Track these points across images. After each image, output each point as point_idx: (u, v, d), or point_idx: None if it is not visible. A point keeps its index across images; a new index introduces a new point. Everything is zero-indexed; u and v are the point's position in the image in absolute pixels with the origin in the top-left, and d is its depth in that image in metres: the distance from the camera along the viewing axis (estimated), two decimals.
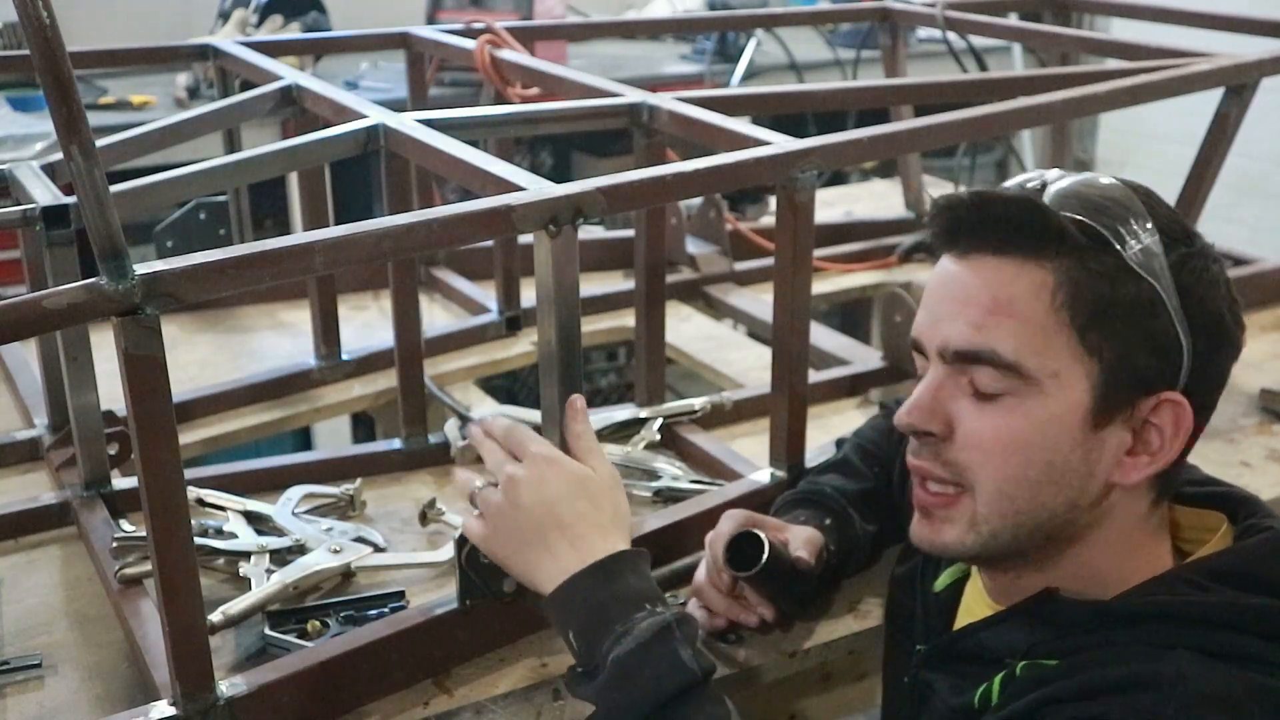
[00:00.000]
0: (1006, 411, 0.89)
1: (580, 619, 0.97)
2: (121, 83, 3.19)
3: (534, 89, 1.78)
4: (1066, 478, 0.90)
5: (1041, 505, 0.90)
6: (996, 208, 0.89)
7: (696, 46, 3.80)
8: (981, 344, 0.89)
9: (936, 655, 1.00)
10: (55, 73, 0.81)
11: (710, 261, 2.12)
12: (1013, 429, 0.89)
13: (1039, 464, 0.89)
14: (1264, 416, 1.68)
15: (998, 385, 0.89)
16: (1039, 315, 0.88)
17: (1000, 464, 0.90)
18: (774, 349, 1.36)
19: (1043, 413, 0.89)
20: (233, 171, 1.37)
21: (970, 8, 2.32)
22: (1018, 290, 0.88)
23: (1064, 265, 0.88)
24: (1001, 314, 0.88)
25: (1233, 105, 1.74)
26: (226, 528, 1.31)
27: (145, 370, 0.91)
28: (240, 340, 1.91)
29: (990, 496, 0.91)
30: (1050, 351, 0.88)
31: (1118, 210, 0.89)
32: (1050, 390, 0.88)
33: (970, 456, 0.91)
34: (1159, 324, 0.88)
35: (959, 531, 0.93)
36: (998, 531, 0.92)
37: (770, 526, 1.18)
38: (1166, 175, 1.53)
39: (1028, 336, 0.88)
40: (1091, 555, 0.93)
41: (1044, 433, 0.89)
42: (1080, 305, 0.88)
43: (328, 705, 1.09)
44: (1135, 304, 0.88)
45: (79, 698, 1.12)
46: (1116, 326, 0.88)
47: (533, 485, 1.02)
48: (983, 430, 0.90)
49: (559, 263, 1.10)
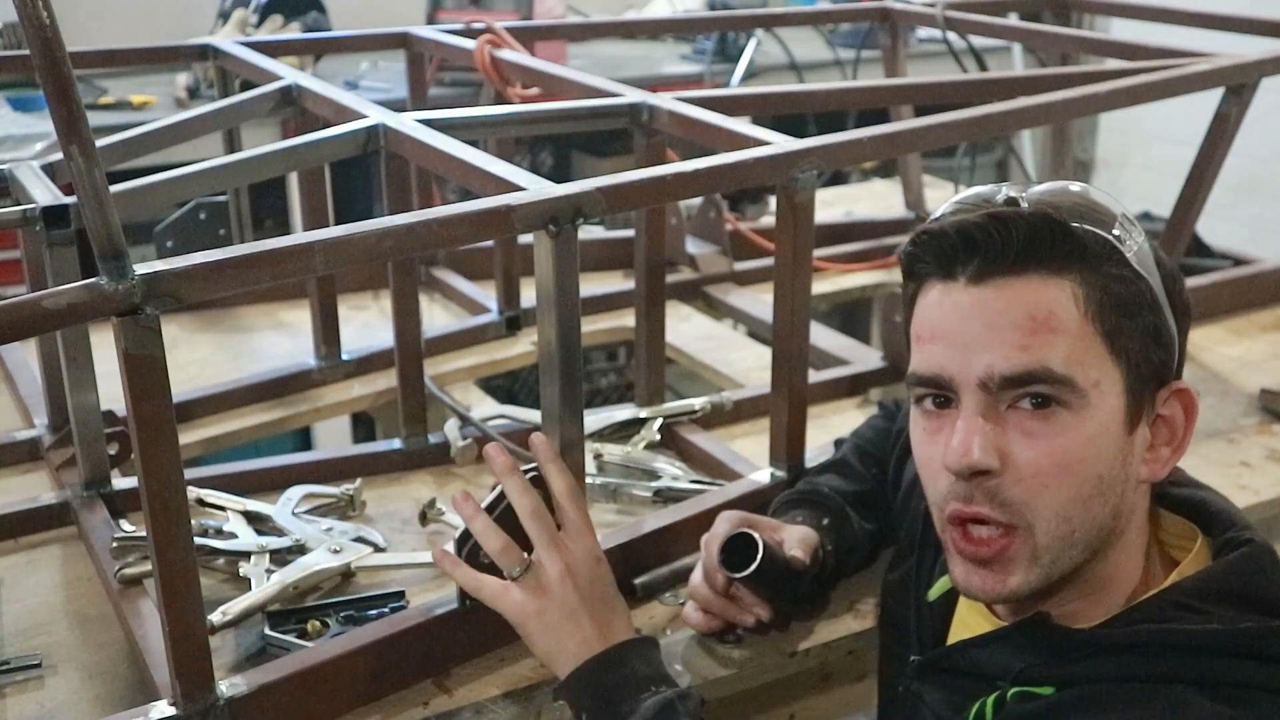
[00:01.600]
0: (1057, 432, 0.87)
1: (592, 702, 1.02)
2: (121, 83, 3.19)
3: (534, 89, 1.78)
4: (1113, 486, 0.90)
5: (1093, 520, 0.90)
6: (1021, 226, 0.87)
7: (696, 46, 3.80)
8: (1032, 363, 0.87)
9: (929, 668, 1.00)
10: (55, 73, 0.81)
11: (710, 261, 2.12)
12: (1067, 449, 0.88)
13: (1091, 479, 0.88)
14: (1264, 416, 1.68)
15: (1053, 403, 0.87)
16: (1076, 327, 0.87)
17: (1058, 488, 0.88)
18: (774, 349, 1.37)
19: (1092, 426, 0.88)
20: (233, 171, 1.37)
21: (970, 8, 2.32)
22: (1053, 305, 0.87)
23: (1085, 275, 0.88)
24: (1044, 331, 0.87)
25: (1233, 105, 1.74)
26: (226, 528, 1.31)
27: (145, 370, 0.91)
28: (240, 340, 1.91)
29: (1050, 525, 0.89)
30: (1090, 361, 0.88)
31: (1105, 215, 0.90)
32: (1094, 401, 0.88)
33: (1027, 488, 0.88)
34: (1160, 316, 0.91)
35: (1023, 573, 0.90)
36: (1058, 559, 0.90)
37: (766, 527, 1.18)
38: (1166, 175, 1.53)
39: (1072, 349, 0.87)
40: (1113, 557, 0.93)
41: (1095, 446, 0.88)
42: (1105, 311, 0.88)
43: (328, 705, 1.09)
44: (1142, 302, 0.89)
45: (79, 698, 1.12)
46: (1134, 327, 0.89)
47: (587, 574, 1.06)
48: (1038, 458, 0.88)
49: (559, 263, 1.10)
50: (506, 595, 1.06)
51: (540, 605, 1.05)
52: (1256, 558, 0.91)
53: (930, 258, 0.91)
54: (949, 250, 0.89)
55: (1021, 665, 0.90)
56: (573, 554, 1.06)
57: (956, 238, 0.89)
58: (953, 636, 1.03)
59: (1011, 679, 0.90)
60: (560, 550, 1.06)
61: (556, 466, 1.10)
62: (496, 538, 1.06)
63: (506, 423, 1.56)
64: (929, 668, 1.00)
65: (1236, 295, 2.03)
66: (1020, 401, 0.88)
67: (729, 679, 1.17)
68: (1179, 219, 1.86)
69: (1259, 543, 0.92)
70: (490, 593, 1.07)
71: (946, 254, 0.90)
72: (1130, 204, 1.94)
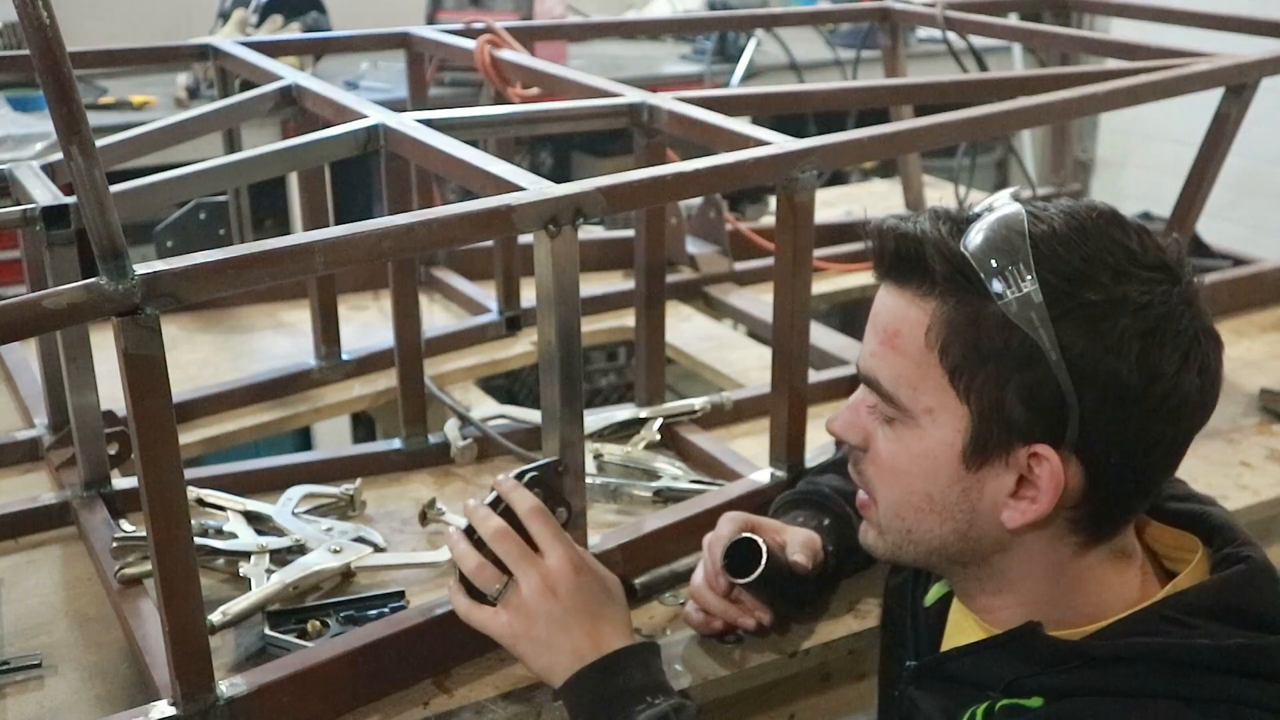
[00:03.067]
0: (895, 438, 0.94)
1: (588, 711, 1.02)
2: (121, 83, 3.19)
3: (534, 89, 1.78)
4: (948, 510, 0.92)
5: (929, 531, 0.94)
6: (889, 241, 0.91)
7: (696, 46, 3.80)
8: (869, 371, 0.94)
9: (924, 673, 1.01)
10: (55, 73, 0.81)
11: (710, 261, 2.12)
12: (895, 455, 0.94)
13: (919, 493, 0.93)
14: (1264, 416, 1.68)
15: (885, 412, 0.94)
16: (917, 353, 0.90)
17: (890, 485, 0.95)
18: (774, 349, 1.37)
19: (918, 446, 0.92)
20: (233, 171, 1.37)
21: (970, 8, 2.32)
22: (903, 325, 0.91)
23: (944, 306, 0.88)
24: (889, 345, 0.92)
25: (1233, 105, 1.74)
26: (226, 528, 1.30)
27: (145, 370, 0.91)
28: (240, 340, 1.91)
29: (885, 512, 0.97)
30: (925, 388, 0.90)
31: (1003, 256, 0.85)
32: (925, 425, 0.91)
33: (873, 472, 0.97)
34: (1035, 375, 0.85)
35: (873, 536, 1.00)
36: (900, 544, 0.97)
37: (768, 529, 1.19)
38: (1166, 175, 1.53)
39: (905, 371, 0.91)
40: (1032, 586, 0.94)
41: (920, 465, 0.92)
42: (951, 348, 0.88)
43: (328, 705, 1.09)
44: (1006, 353, 0.85)
45: (79, 698, 1.12)
46: (986, 373, 0.87)
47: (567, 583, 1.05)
48: (880, 451, 0.95)
49: (559, 263, 1.10)
50: (495, 619, 1.06)
51: (525, 622, 1.04)
52: (1252, 575, 0.90)
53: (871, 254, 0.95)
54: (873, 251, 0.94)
55: (1011, 676, 0.90)
56: (547, 566, 1.05)
57: (873, 240, 0.93)
58: (947, 642, 1.03)
59: (1001, 689, 0.91)
60: (533, 564, 1.05)
61: (517, 493, 1.09)
62: (472, 559, 1.06)
63: (506, 423, 1.56)
64: (923, 674, 1.01)
65: (1236, 295, 2.02)
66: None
67: (729, 679, 1.17)
68: (1179, 219, 1.86)
69: (1256, 559, 0.91)
70: (479, 618, 1.06)
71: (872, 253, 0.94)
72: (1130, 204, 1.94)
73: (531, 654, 1.04)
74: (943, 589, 1.06)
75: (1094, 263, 0.86)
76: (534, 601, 1.04)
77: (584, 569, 1.07)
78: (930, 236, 0.88)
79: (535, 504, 1.08)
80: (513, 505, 1.08)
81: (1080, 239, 0.87)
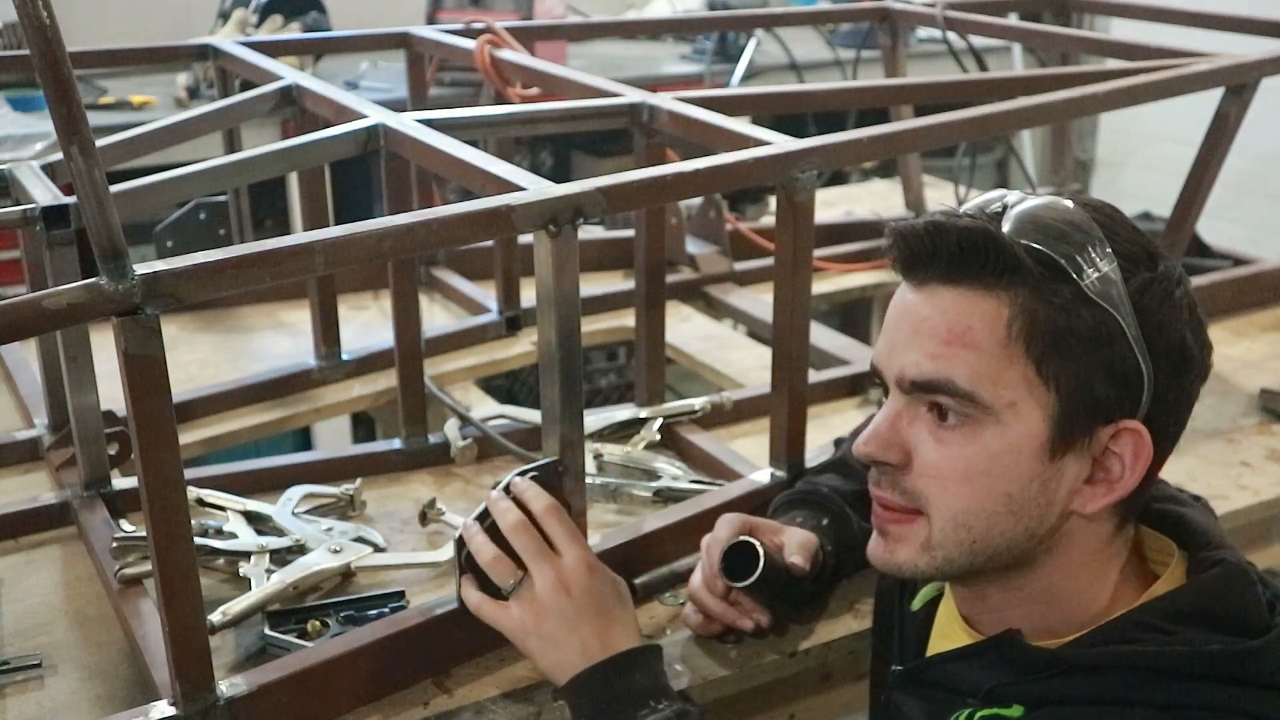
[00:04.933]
0: (964, 442, 0.89)
1: (589, 713, 1.01)
2: (121, 83, 3.19)
3: (534, 89, 1.78)
4: (1025, 508, 0.90)
5: (999, 534, 0.90)
6: (950, 237, 0.88)
7: (696, 46, 3.80)
8: (936, 374, 0.89)
9: (908, 679, 1.01)
10: (55, 73, 0.81)
11: (710, 261, 2.12)
12: (970, 459, 0.89)
13: (997, 495, 0.89)
14: (1264, 416, 1.68)
15: (962, 412, 0.89)
16: (994, 345, 0.87)
17: (957, 494, 0.90)
18: (774, 349, 1.36)
19: (999, 443, 0.88)
20: (233, 171, 1.37)
21: (970, 8, 2.32)
22: (973, 320, 0.88)
23: (1019, 295, 0.87)
24: (957, 344, 0.88)
25: (1233, 105, 1.74)
26: (226, 528, 1.30)
27: (145, 370, 0.91)
28: (240, 340, 1.91)
29: (946, 525, 0.91)
30: (1006, 382, 0.87)
31: (1076, 236, 0.87)
32: (1007, 420, 0.88)
33: (928, 485, 0.91)
34: (1117, 352, 0.87)
35: (912, 552, 0.93)
36: (952, 558, 0.92)
37: (766, 529, 1.19)
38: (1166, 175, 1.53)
39: (983, 366, 0.87)
40: (1054, 579, 0.93)
41: (1001, 463, 0.89)
42: (1036, 336, 0.87)
43: (328, 705, 1.09)
44: (1093, 333, 0.86)
45: (79, 698, 1.12)
46: (1073, 356, 0.87)
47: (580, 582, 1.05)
48: (941, 461, 0.90)
49: (559, 263, 1.10)
50: (506, 614, 1.06)
51: (536, 618, 1.04)
52: (1228, 578, 0.90)
53: (894, 256, 0.93)
54: (904, 252, 0.91)
55: (991, 684, 0.90)
56: (563, 563, 1.05)
57: (903, 241, 0.91)
58: (932, 647, 1.03)
59: (980, 698, 0.91)
60: (549, 561, 1.05)
61: (533, 490, 1.09)
62: (489, 550, 1.06)
63: (506, 423, 1.56)
64: (907, 679, 1.01)
65: (1236, 295, 2.02)
66: (930, 408, 0.90)
67: (729, 679, 1.17)
68: (1179, 219, 1.86)
69: (1232, 562, 0.91)
70: (490, 612, 1.06)
71: (902, 255, 0.92)
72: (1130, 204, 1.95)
73: (539, 650, 1.04)
74: (931, 592, 1.06)
75: (1139, 244, 0.90)
76: (547, 598, 1.04)
77: (597, 569, 1.07)
78: (991, 228, 0.88)
79: (551, 502, 1.09)
80: (527, 502, 1.08)
81: (1124, 223, 0.91)
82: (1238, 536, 1.43)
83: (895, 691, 1.01)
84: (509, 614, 1.05)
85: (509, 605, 1.06)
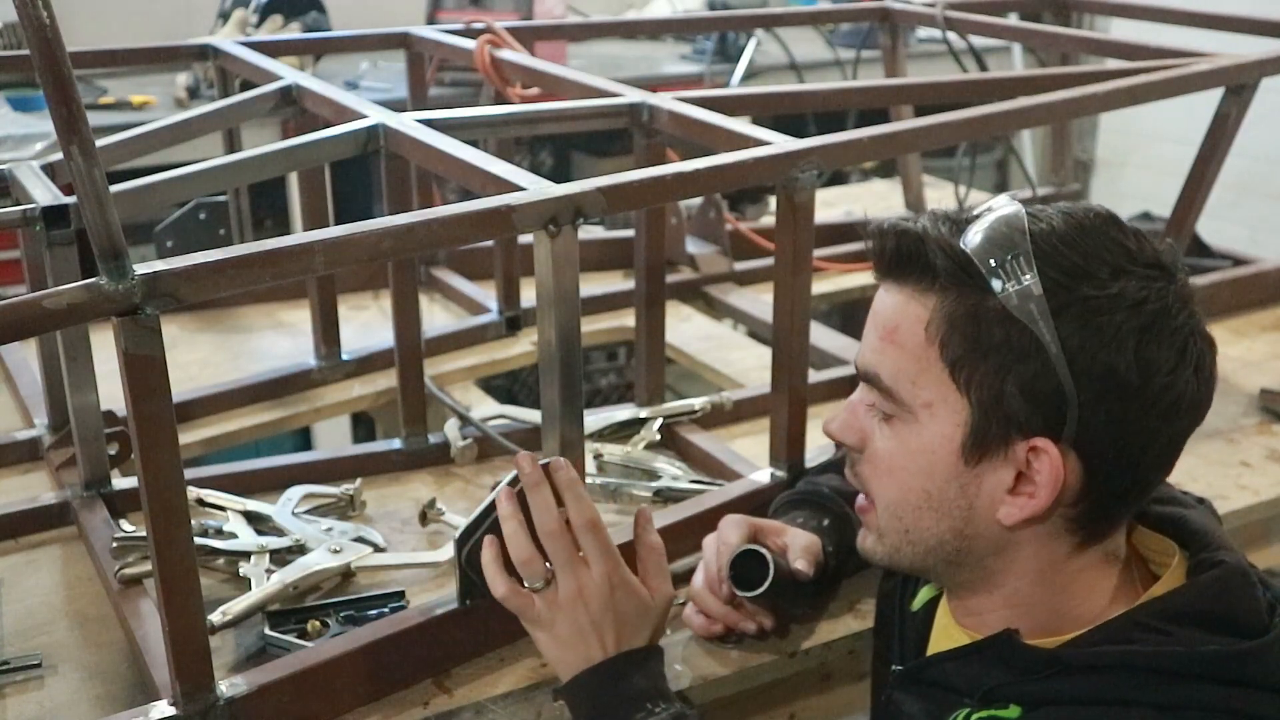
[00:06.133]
0: (889, 436, 0.94)
1: (588, 714, 1.02)
2: (121, 83, 3.19)
3: (534, 89, 1.78)
4: (945, 507, 0.92)
5: (926, 530, 0.93)
6: (890, 239, 0.92)
7: (696, 46, 3.80)
8: (868, 367, 0.94)
9: (907, 678, 1.01)
10: (55, 73, 0.81)
11: (710, 261, 2.12)
12: (893, 452, 0.94)
13: (917, 490, 0.93)
14: (1264, 416, 1.68)
15: (884, 408, 0.93)
16: (916, 347, 0.90)
17: (888, 484, 0.95)
18: (774, 349, 1.37)
19: (916, 441, 0.92)
20: (233, 171, 1.37)
21: (970, 8, 2.32)
22: (903, 320, 0.91)
23: (944, 300, 0.89)
24: (889, 340, 0.92)
25: (1233, 105, 1.74)
26: (226, 528, 1.31)
27: (145, 370, 0.91)
28: (240, 340, 1.91)
29: (884, 513, 0.96)
30: (924, 383, 0.90)
31: (1008, 248, 0.86)
32: (924, 420, 0.91)
33: (870, 472, 0.96)
34: (1032, 369, 0.86)
35: (872, 540, 0.99)
36: (898, 546, 0.96)
37: (769, 531, 1.19)
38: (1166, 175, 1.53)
39: (904, 365, 0.91)
40: (1018, 586, 0.93)
41: (918, 461, 0.92)
42: (951, 341, 0.88)
43: (328, 705, 1.09)
44: (1006, 346, 0.86)
45: (79, 698, 1.12)
46: (986, 366, 0.87)
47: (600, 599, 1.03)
48: (877, 450, 0.95)
49: (559, 263, 1.10)
50: (530, 606, 1.05)
51: (550, 618, 1.04)
52: (1227, 579, 0.90)
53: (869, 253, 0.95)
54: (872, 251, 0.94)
55: (989, 684, 0.90)
56: (588, 578, 1.03)
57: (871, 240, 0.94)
58: (932, 647, 1.03)
59: (978, 698, 0.91)
60: (575, 573, 1.03)
61: (574, 495, 1.04)
62: (526, 548, 1.04)
63: (506, 423, 1.56)
64: (906, 678, 1.01)
65: (1236, 295, 2.03)
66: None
67: (729, 679, 1.17)
68: (1179, 219, 1.86)
69: (1231, 564, 0.91)
70: (517, 603, 1.05)
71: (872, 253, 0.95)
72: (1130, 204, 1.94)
73: (546, 642, 1.05)
74: (930, 593, 1.06)
75: (1092, 259, 0.87)
76: (566, 604, 1.03)
77: (622, 587, 1.04)
78: (931, 234, 0.89)
79: (593, 516, 1.05)
80: (570, 512, 1.04)
81: (1079, 236, 0.88)
82: (1238, 536, 1.43)
83: (895, 691, 1.01)
84: (532, 606, 1.05)
85: (534, 598, 1.05)
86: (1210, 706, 0.84)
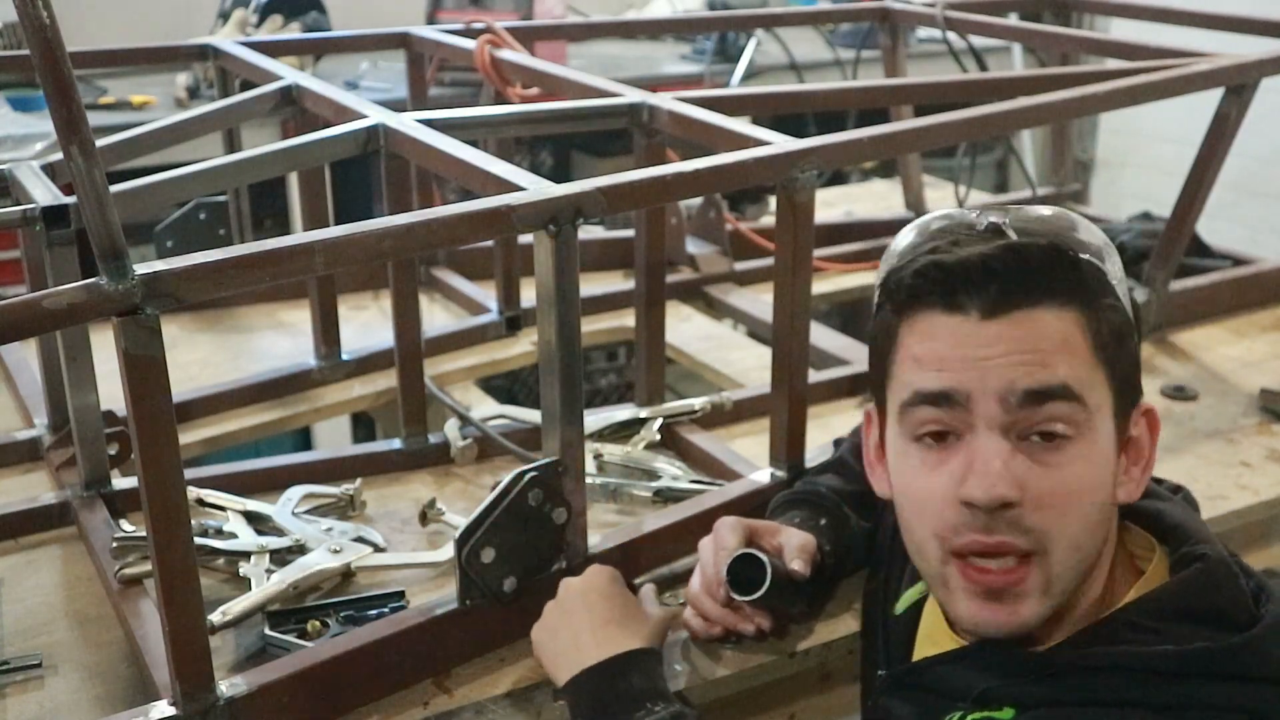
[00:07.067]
0: (1068, 462, 0.88)
1: (587, 714, 1.03)
2: (121, 83, 3.19)
3: (534, 89, 1.78)
4: (1107, 510, 0.92)
5: (1096, 547, 0.91)
6: (1035, 258, 0.88)
7: (696, 46, 3.80)
8: (1053, 380, 0.87)
9: (896, 683, 1.01)
10: (55, 73, 0.81)
11: (710, 261, 2.12)
12: (1080, 478, 0.88)
13: (1098, 504, 0.90)
14: (1264, 416, 1.68)
15: (1066, 426, 0.87)
16: (1085, 352, 0.89)
17: (1075, 516, 0.88)
18: (774, 349, 1.37)
19: (1095, 453, 0.89)
20: (233, 171, 1.38)
21: (970, 8, 2.32)
22: (1066, 333, 0.88)
23: (1086, 306, 0.90)
24: (1063, 351, 0.88)
25: (1233, 105, 1.74)
26: (226, 528, 1.31)
27: (145, 370, 0.91)
28: (240, 340, 1.91)
29: (1065, 552, 0.88)
30: (1093, 387, 0.89)
31: (1094, 243, 0.93)
32: (1098, 425, 0.89)
33: (1046, 517, 0.87)
34: (1135, 341, 0.93)
35: (1034, 603, 0.89)
36: (1067, 587, 0.90)
37: (765, 532, 1.18)
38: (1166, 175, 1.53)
39: (1083, 372, 0.88)
40: (1095, 577, 0.93)
41: (1099, 473, 0.90)
42: (1101, 339, 0.90)
43: (328, 705, 1.09)
44: (1125, 328, 0.92)
45: (79, 698, 1.12)
46: (1121, 353, 0.91)
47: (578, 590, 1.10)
48: (1055, 487, 0.87)
49: (559, 263, 1.10)
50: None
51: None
52: (1210, 573, 0.91)
53: (937, 290, 0.89)
54: (963, 282, 0.88)
55: (983, 685, 0.90)
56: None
57: (968, 270, 0.88)
58: (918, 651, 1.03)
59: (971, 700, 0.91)
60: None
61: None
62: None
63: (506, 423, 1.56)
64: (895, 683, 1.01)
65: (1236, 295, 2.02)
66: (1031, 434, 0.87)
67: (729, 679, 1.17)
68: (1179, 219, 1.86)
69: (1213, 557, 0.92)
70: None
71: (959, 285, 0.88)
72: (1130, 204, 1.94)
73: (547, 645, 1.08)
74: (915, 595, 1.06)
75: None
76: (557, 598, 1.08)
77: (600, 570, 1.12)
78: (1048, 248, 0.89)
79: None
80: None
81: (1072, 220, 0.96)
82: (1237, 536, 1.43)
83: (883, 696, 1.01)
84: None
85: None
86: (1209, 704, 0.84)
